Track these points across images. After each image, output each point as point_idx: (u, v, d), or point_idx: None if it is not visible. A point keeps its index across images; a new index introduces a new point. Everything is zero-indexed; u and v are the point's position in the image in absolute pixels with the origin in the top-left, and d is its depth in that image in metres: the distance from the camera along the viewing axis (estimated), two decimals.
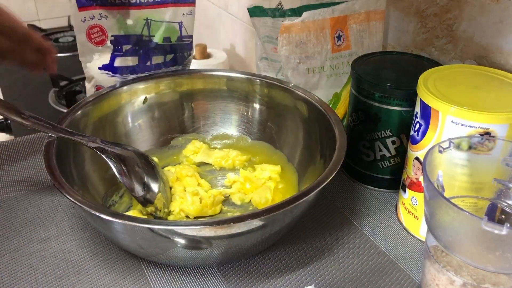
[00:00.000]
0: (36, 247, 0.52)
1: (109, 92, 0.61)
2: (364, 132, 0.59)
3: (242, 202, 0.58)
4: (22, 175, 0.64)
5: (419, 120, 0.48)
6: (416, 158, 0.50)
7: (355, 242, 0.53)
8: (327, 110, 0.56)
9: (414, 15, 0.66)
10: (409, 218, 0.54)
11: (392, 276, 0.49)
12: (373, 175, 0.61)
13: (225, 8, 1.20)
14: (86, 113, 0.58)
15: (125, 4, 0.63)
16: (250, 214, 0.42)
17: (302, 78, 0.66)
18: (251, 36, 1.10)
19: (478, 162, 0.42)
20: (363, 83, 0.56)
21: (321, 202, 0.58)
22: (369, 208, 0.58)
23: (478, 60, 0.59)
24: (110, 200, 0.56)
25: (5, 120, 1.17)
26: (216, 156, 0.64)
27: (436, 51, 0.64)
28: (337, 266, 0.50)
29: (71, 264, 0.50)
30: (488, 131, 0.43)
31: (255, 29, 0.69)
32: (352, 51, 0.68)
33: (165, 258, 0.48)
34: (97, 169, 0.56)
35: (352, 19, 0.67)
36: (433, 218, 0.38)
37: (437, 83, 0.48)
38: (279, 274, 0.49)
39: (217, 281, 0.48)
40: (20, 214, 0.56)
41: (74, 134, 0.51)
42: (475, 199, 0.43)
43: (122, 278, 0.48)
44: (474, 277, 0.37)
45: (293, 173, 0.60)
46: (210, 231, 0.41)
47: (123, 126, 0.63)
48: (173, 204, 0.56)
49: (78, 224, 0.55)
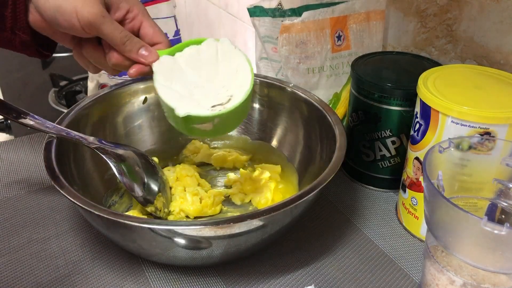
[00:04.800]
0: (36, 247, 0.52)
1: (109, 92, 0.61)
2: (364, 132, 0.59)
3: (242, 202, 0.58)
4: (22, 175, 0.64)
5: (419, 120, 0.48)
6: (416, 158, 0.50)
7: (355, 242, 0.53)
8: (327, 110, 0.56)
9: (414, 15, 0.66)
10: (409, 218, 0.54)
11: (392, 276, 0.49)
12: (373, 175, 0.61)
13: (225, 8, 1.20)
14: (86, 113, 0.58)
15: None
16: (250, 214, 0.42)
17: (302, 78, 0.66)
18: (251, 36, 1.10)
19: (478, 162, 0.42)
20: (363, 83, 0.56)
21: (321, 202, 0.58)
22: (369, 208, 0.58)
23: (478, 60, 0.59)
24: (110, 200, 0.56)
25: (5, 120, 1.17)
26: (216, 156, 0.64)
27: (436, 51, 0.64)
28: (337, 266, 0.50)
29: (71, 264, 0.50)
30: (488, 131, 0.43)
31: (255, 29, 0.69)
32: (352, 51, 0.68)
33: (165, 258, 0.48)
34: (97, 169, 0.56)
35: (352, 19, 0.67)
36: (433, 218, 0.38)
37: (437, 83, 0.48)
38: (279, 274, 0.49)
39: (217, 281, 0.48)
40: (20, 214, 0.56)
41: (74, 134, 0.51)
42: (475, 199, 0.43)
43: (122, 278, 0.48)
44: (474, 277, 0.37)
45: (293, 173, 0.60)
46: (210, 231, 0.41)
47: (123, 126, 0.63)
48: (173, 204, 0.56)
49: (78, 224, 0.55)
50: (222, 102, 0.46)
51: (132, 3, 0.48)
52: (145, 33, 0.49)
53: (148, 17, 0.49)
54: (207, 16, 1.32)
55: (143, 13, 0.48)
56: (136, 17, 0.48)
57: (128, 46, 0.47)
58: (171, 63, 0.48)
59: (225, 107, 0.45)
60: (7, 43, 0.48)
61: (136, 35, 0.49)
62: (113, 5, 0.47)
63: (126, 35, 0.47)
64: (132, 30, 0.48)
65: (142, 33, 0.49)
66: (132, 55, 0.48)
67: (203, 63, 0.48)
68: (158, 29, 0.50)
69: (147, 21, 0.49)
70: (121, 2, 0.47)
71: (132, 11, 0.48)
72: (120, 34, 0.46)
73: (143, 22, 0.48)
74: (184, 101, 0.46)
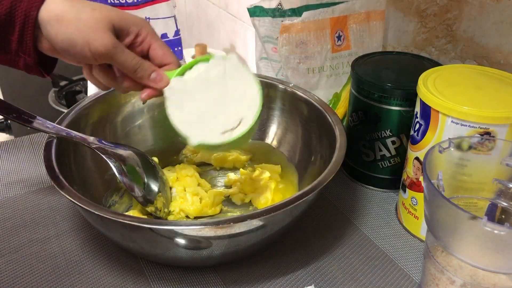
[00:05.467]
0: (36, 247, 0.52)
1: (109, 92, 0.60)
2: (364, 132, 0.59)
3: (242, 202, 0.58)
4: (22, 175, 0.64)
5: (419, 120, 0.48)
6: (416, 158, 0.50)
7: (355, 242, 0.53)
8: (327, 110, 0.56)
9: (414, 15, 0.66)
10: (409, 218, 0.54)
11: (392, 276, 0.49)
12: (373, 175, 0.61)
13: (225, 8, 1.20)
14: (86, 113, 0.58)
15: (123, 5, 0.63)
16: (250, 214, 0.42)
17: (302, 78, 0.66)
18: (251, 36, 1.10)
19: (478, 162, 0.42)
20: (363, 83, 0.56)
21: (321, 202, 0.58)
22: (369, 208, 0.58)
23: (478, 60, 0.59)
24: (110, 200, 0.56)
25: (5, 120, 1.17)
26: (216, 156, 0.64)
27: (436, 51, 0.64)
28: (337, 266, 0.50)
29: (70, 264, 0.50)
30: (488, 131, 0.43)
31: (255, 29, 0.69)
32: (352, 51, 0.68)
33: (165, 258, 0.48)
34: (97, 169, 0.56)
35: (352, 19, 0.67)
36: (433, 218, 0.38)
37: (437, 83, 0.48)
38: (279, 274, 0.49)
39: (216, 281, 0.48)
40: (20, 214, 0.56)
41: (74, 134, 0.51)
42: (475, 199, 0.43)
43: (122, 278, 0.48)
44: (474, 277, 0.37)
45: (293, 173, 0.60)
46: (210, 231, 0.41)
47: (123, 126, 0.63)
48: (173, 204, 0.56)
49: (78, 224, 0.55)
50: (233, 127, 0.47)
51: (140, 26, 0.47)
52: (155, 55, 0.49)
53: (156, 38, 0.49)
54: (207, 16, 1.32)
55: (152, 35, 0.48)
56: (145, 40, 0.48)
57: (140, 73, 0.47)
58: (181, 86, 0.49)
59: (235, 133, 0.47)
60: (10, 63, 0.47)
61: (146, 56, 0.49)
62: (123, 31, 0.46)
63: (138, 62, 0.47)
64: (141, 53, 0.48)
65: (151, 55, 0.49)
66: (143, 81, 0.48)
67: (212, 83, 0.49)
68: (167, 49, 0.50)
69: (156, 42, 0.48)
70: (130, 26, 0.46)
71: (141, 34, 0.47)
72: (132, 61, 0.46)
73: (152, 44, 0.48)
74: (196, 128, 0.47)
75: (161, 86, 0.48)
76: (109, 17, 0.44)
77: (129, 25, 0.46)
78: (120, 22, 0.45)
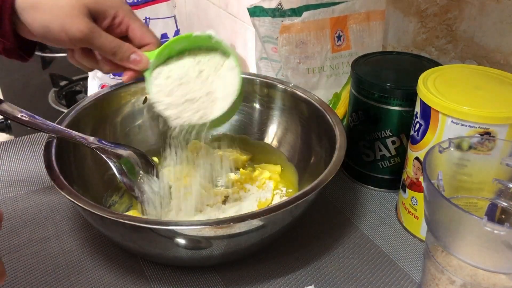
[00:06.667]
0: (36, 247, 0.52)
1: (109, 92, 0.61)
2: (364, 132, 0.59)
3: None
4: (22, 175, 0.64)
5: (419, 120, 0.48)
6: (416, 158, 0.50)
7: (355, 242, 0.53)
8: (327, 110, 0.56)
9: (414, 15, 0.66)
10: (409, 218, 0.54)
11: (392, 276, 0.49)
12: (373, 175, 0.61)
13: (225, 8, 1.20)
14: (86, 113, 0.58)
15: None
16: (250, 214, 0.42)
17: (302, 78, 0.66)
18: (251, 36, 1.10)
19: (478, 162, 0.42)
20: (363, 83, 0.56)
21: (321, 202, 0.58)
22: (369, 208, 0.58)
23: (478, 60, 0.59)
24: (110, 200, 0.56)
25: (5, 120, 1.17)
26: (216, 156, 0.64)
27: (436, 51, 0.64)
28: (337, 266, 0.50)
29: (71, 264, 0.50)
30: (488, 131, 0.43)
31: (255, 29, 0.69)
32: (352, 51, 0.68)
33: (165, 258, 0.48)
34: (97, 169, 0.56)
35: (352, 19, 0.67)
36: (433, 218, 0.38)
37: (437, 83, 0.48)
38: (279, 274, 0.49)
39: (216, 281, 0.48)
40: (20, 214, 0.56)
41: (74, 134, 0.51)
42: (475, 199, 0.43)
43: (122, 278, 0.48)
44: (474, 277, 0.37)
45: (293, 173, 0.60)
46: (210, 231, 0.41)
47: (123, 126, 0.63)
48: (173, 204, 0.56)
49: (78, 224, 0.55)
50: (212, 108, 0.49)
51: (117, 8, 0.47)
52: (134, 36, 0.49)
53: (134, 18, 0.49)
54: (207, 16, 1.32)
55: (129, 16, 0.48)
56: (123, 21, 0.48)
57: (119, 56, 0.47)
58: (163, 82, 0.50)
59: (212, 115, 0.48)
60: None
61: (126, 38, 0.49)
62: (99, 14, 0.46)
63: (116, 44, 0.47)
64: (120, 35, 0.48)
65: (131, 36, 0.49)
66: (123, 63, 0.48)
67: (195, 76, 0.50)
68: (146, 29, 0.49)
69: (134, 23, 0.48)
70: (106, 9, 0.46)
71: (118, 15, 0.47)
72: (110, 44, 0.46)
73: (130, 25, 0.48)
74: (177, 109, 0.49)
75: (141, 67, 0.48)
76: (84, 2, 0.45)
77: (105, 8, 0.46)
78: (96, 5, 0.46)
